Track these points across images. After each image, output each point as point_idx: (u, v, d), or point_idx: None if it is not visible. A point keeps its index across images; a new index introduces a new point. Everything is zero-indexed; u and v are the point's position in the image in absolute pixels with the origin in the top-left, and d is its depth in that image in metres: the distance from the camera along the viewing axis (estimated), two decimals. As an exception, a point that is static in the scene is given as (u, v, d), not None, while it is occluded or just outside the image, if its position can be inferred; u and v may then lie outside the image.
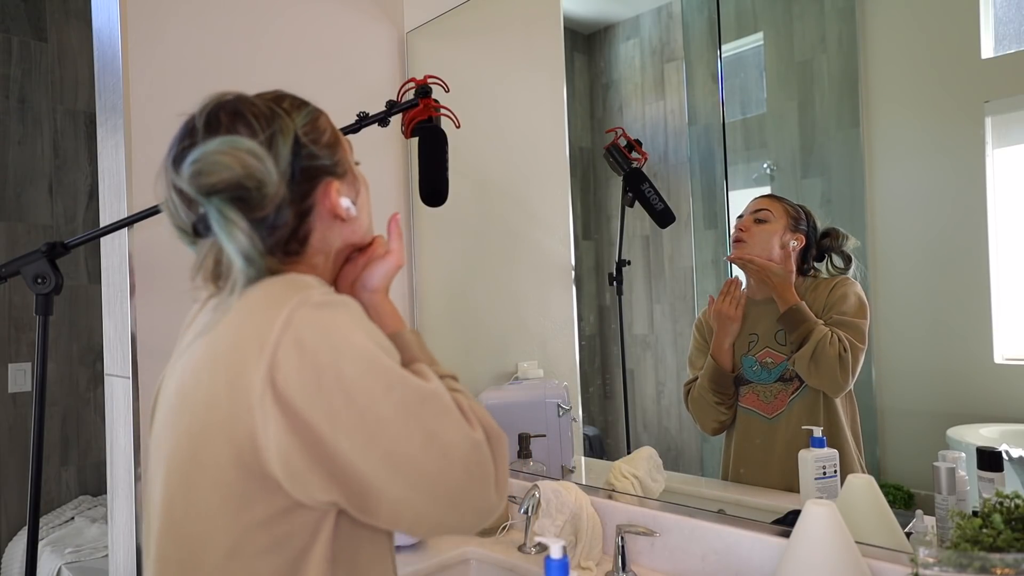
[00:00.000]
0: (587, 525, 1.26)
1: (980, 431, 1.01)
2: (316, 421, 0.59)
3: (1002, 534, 0.73)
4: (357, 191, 0.79)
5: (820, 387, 1.17)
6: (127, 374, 1.31)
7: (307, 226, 0.72)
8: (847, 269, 1.19)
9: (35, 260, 1.09)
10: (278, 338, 0.60)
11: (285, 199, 0.69)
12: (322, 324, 0.61)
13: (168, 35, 1.40)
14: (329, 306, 0.63)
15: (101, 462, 2.87)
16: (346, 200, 0.75)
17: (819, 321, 1.18)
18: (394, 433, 0.60)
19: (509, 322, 1.75)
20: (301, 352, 0.60)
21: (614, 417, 1.59)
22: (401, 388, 0.62)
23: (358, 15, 1.77)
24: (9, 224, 2.69)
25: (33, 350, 2.70)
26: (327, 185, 0.73)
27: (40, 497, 1.28)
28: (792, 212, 1.24)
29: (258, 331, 0.61)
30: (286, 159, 0.69)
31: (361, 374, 0.60)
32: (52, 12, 2.84)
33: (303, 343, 0.60)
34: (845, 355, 1.14)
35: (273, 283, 0.65)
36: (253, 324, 0.62)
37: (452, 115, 1.45)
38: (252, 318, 0.62)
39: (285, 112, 0.72)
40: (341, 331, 0.62)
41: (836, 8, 1.22)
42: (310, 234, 0.73)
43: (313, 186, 0.72)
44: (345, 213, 0.75)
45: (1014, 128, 1.01)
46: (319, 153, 0.73)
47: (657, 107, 1.50)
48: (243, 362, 0.61)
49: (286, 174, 0.69)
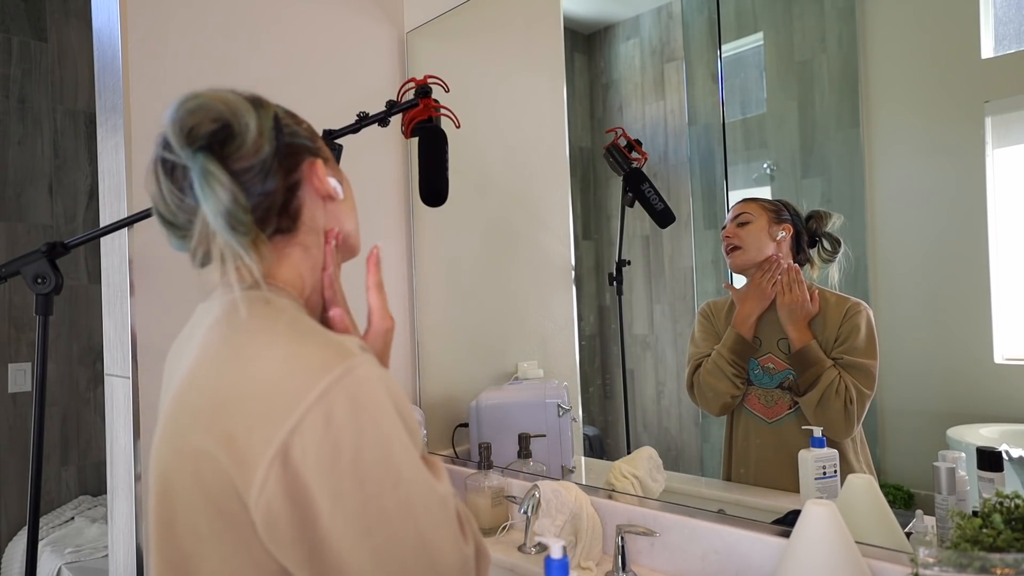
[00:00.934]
0: (587, 525, 1.26)
1: (980, 431, 1.01)
2: (319, 498, 0.57)
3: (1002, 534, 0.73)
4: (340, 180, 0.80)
5: (825, 433, 1.14)
6: (127, 374, 1.31)
7: (297, 200, 0.72)
8: (836, 252, 1.19)
9: (35, 260, 1.09)
10: (311, 405, 0.58)
11: (271, 163, 0.68)
12: (358, 402, 0.60)
13: (168, 35, 1.40)
14: (371, 383, 0.61)
15: (101, 462, 2.87)
16: (333, 180, 0.76)
17: (828, 362, 1.16)
18: (390, 531, 0.59)
19: (509, 322, 1.75)
20: (327, 427, 0.58)
21: (614, 417, 1.59)
22: (410, 485, 0.60)
23: (358, 15, 1.77)
24: (9, 224, 2.69)
25: (33, 350, 2.70)
26: (312, 162, 0.74)
27: (40, 497, 1.28)
28: (770, 207, 1.25)
29: (295, 390, 0.59)
30: (268, 125, 0.69)
31: (378, 461, 0.59)
32: (52, 12, 2.84)
33: (332, 418, 0.58)
34: (851, 407, 1.13)
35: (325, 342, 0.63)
36: (293, 380, 0.59)
37: (452, 115, 1.45)
38: (294, 373, 0.60)
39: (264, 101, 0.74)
40: (372, 412, 0.60)
41: (836, 8, 1.22)
42: (301, 210, 0.73)
43: (298, 161, 0.73)
44: (333, 191, 0.75)
45: (1014, 128, 1.01)
46: (301, 133, 0.75)
47: (657, 107, 1.50)
48: (269, 415, 0.59)
49: (270, 140, 0.69)
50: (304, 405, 0.58)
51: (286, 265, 0.72)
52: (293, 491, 0.57)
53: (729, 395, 1.29)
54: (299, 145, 0.73)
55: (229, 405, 0.61)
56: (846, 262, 1.18)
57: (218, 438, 0.60)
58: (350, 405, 0.59)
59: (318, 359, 0.61)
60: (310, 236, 0.74)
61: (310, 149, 0.75)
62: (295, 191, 0.72)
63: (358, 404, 0.59)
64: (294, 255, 0.73)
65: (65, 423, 2.78)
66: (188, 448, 0.63)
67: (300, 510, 0.57)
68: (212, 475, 0.61)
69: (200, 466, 0.61)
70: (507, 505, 1.46)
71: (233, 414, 0.60)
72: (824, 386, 1.15)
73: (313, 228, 0.74)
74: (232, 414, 0.60)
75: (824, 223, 1.20)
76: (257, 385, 0.60)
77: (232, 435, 0.60)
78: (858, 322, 1.15)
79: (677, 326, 1.47)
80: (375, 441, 0.59)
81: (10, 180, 2.70)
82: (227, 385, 0.62)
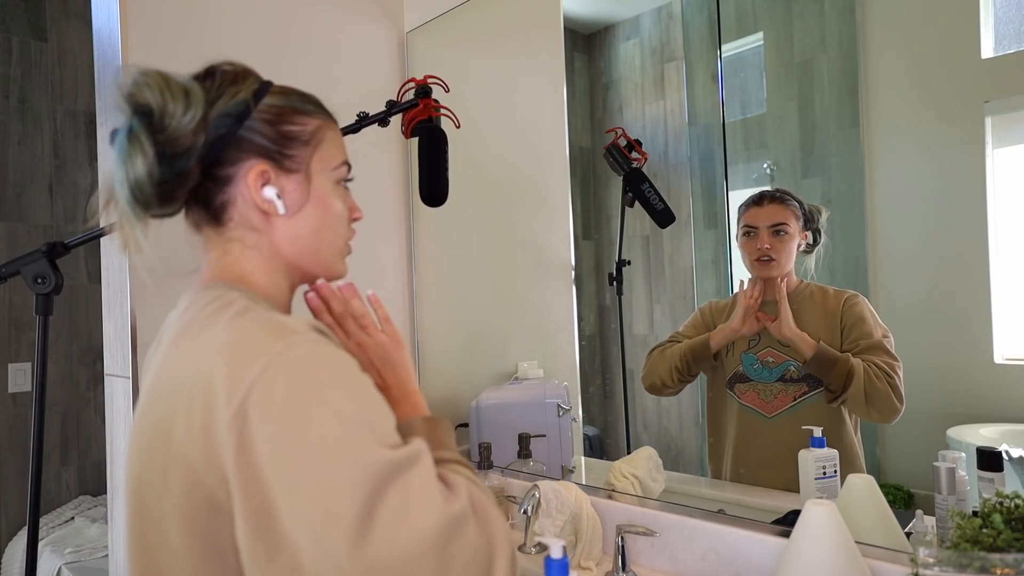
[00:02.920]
0: (587, 525, 1.26)
1: (980, 431, 1.01)
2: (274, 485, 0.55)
3: (1002, 534, 0.73)
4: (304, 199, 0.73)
5: (880, 421, 1.14)
6: (127, 374, 1.31)
7: (223, 195, 0.70)
8: (817, 244, 1.21)
9: (35, 260, 1.09)
10: (249, 388, 0.57)
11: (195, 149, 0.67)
12: (298, 380, 0.57)
13: (168, 35, 1.40)
14: (310, 360, 0.59)
15: (101, 462, 2.87)
16: (271, 189, 0.70)
17: (846, 356, 1.15)
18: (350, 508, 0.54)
19: (509, 322, 1.75)
20: (268, 405, 0.56)
21: (614, 417, 1.59)
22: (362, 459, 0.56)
23: (358, 15, 1.77)
24: (9, 224, 2.69)
25: (33, 350, 2.70)
26: (254, 164, 0.70)
27: (40, 497, 1.28)
28: (799, 213, 1.24)
29: (233, 376, 0.58)
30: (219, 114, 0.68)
31: (326, 439, 0.56)
32: (52, 12, 2.84)
33: (272, 396, 0.56)
34: (894, 382, 1.11)
35: (261, 325, 0.62)
36: (230, 367, 0.58)
37: (452, 115, 1.45)
38: (232, 360, 0.59)
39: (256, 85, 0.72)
40: (315, 389, 0.58)
41: (836, 8, 1.22)
42: (227, 206, 0.71)
43: (238, 157, 0.70)
44: (263, 202, 0.70)
45: (1014, 128, 1.01)
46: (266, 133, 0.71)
47: (657, 107, 1.50)
48: (214, 406, 0.58)
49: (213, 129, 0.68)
50: (244, 388, 0.57)
51: (227, 260, 0.72)
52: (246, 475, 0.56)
53: (659, 380, 1.37)
54: (250, 142, 0.70)
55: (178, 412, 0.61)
56: (824, 252, 1.20)
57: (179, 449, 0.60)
58: (293, 383, 0.57)
59: (253, 342, 0.60)
60: (249, 235, 0.72)
61: (263, 150, 0.70)
62: (222, 184, 0.70)
63: (298, 380, 0.57)
64: (233, 250, 0.72)
65: (65, 423, 2.78)
66: (156, 459, 0.63)
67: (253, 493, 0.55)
68: (180, 485, 0.60)
69: (168, 477, 0.61)
70: (507, 505, 1.46)
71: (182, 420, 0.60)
72: (862, 377, 1.13)
73: (251, 228, 0.72)
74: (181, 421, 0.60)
75: (817, 220, 1.22)
76: (199, 384, 0.60)
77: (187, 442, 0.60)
78: (858, 310, 1.16)
79: (677, 326, 1.47)
80: (321, 419, 0.56)
81: (10, 180, 2.70)
82: (174, 392, 0.62)
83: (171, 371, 0.65)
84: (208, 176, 0.70)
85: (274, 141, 0.71)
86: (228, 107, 0.69)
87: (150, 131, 0.64)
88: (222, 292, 0.68)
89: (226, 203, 0.71)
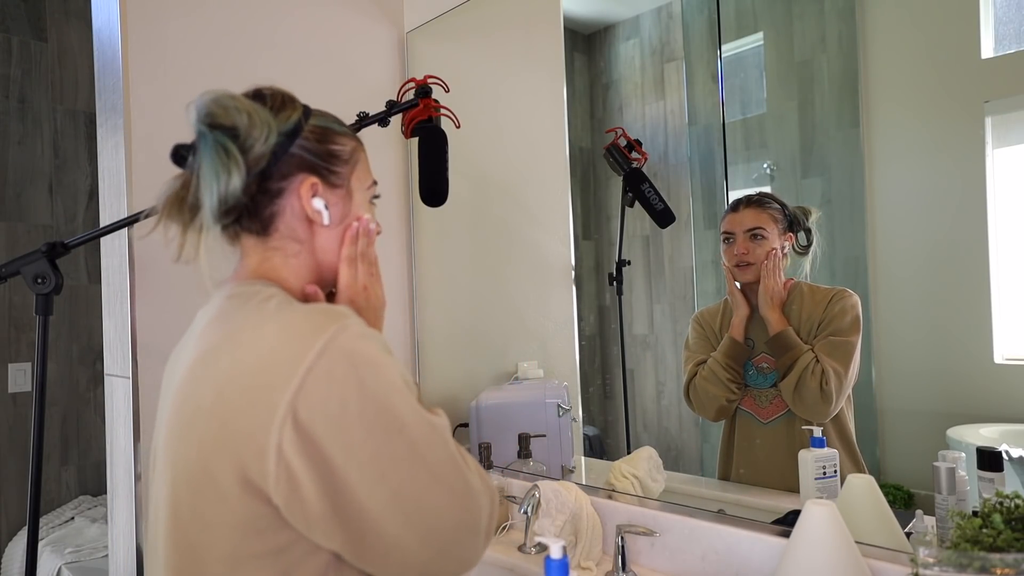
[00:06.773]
0: (587, 525, 1.26)
1: (980, 431, 1.01)
2: (333, 453, 0.60)
3: (1002, 534, 0.73)
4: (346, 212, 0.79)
5: (805, 416, 1.18)
6: (127, 374, 1.31)
7: (273, 207, 0.74)
8: (810, 245, 1.21)
9: (35, 260, 1.09)
10: (311, 365, 0.61)
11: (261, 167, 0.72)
12: (355, 357, 0.63)
13: (168, 35, 1.40)
14: (364, 338, 0.65)
15: (101, 462, 2.87)
16: (320, 201, 0.76)
17: (805, 347, 1.18)
18: (403, 473, 0.63)
19: (509, 322, 1.75)
20: (330, 382, 0.61)
21: (614, 417, 1.59)
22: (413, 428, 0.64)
23: (358, 15, 1.77)
24: (9, 224, 2.69)
25: (33, 350, 2.70)
26: (305, 178, 0.75)
27: (40, 497, 1.28)
28: (778, 217, 1.24)
29: (293, 355, 0.62)
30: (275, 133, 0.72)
31: (381, 410, 0.63)
32: (52, 12, 2.84)
33: (333, 374, 0.61)
34: (827, 388, 1.14)
35: (312, 310, 0.67)
36: (289, 347, 0.63)
37: (452, 115, 1.45)
38: (289, 341, 0.63)
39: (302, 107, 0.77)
40: (371, 366, 0.64)
41: (836, 8, 1.22)
42: (275, 217, 0.75)
43: (289, 172, 0.74)
44: (312, 212, 0.75)
45: (1014, 128, 1.01)
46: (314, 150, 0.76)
47: (657, 107, 1.50)
48: (271, 384, 0.62)
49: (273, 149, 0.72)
50: (304, 367, 0.61)
51: (267, 265, 0.76)
52: (308, 448, 0.60)
53: (724, 399, 1.30)
54: (299, 158, 0.75)
55: (228, 390, 0.64)
56: (819, 253, 1.20)
57: (223, 424, 0.63)
58: (348, 360, 0.63)
59: (309, 324, 0.64)
60: (291, 245, 0.76)
61: (312, 166, 0.76)
62: (274, 196, 0.74)
63: (355, 358, 0.63)
64: (274, 258, 0.76)
65: (65, 423, 2.78)
66: (194, 439, 0.65)
67: (316, 467, 0.60)
68: (219, 464, 0.63)
69: (207, 457, 0.64)
70: (507, 505, 1.46)
71: (233, 398, 0.63)
72: (800, 369, 1.17)
73: (294, 239, 0.76)
74: (232, 398, 0.63)
75: (805, 219, 1.22)
76: (252, 363, 0.63)
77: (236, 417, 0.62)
78: (844, 305, 1.17)
79: (677, 326, 1.47)
80: (376, 391, 0.63)
81: (10, 180, 2.70)
82: (224, 371, 0.65)
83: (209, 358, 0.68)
84: (260, 189, 0.74)
85: (321, 157, 0.76)
86: (284, 127, 0.73)
87: (240, 150, 0.69)
88: (261, 288, 0.72)
89: (275, 214, 0.75)
